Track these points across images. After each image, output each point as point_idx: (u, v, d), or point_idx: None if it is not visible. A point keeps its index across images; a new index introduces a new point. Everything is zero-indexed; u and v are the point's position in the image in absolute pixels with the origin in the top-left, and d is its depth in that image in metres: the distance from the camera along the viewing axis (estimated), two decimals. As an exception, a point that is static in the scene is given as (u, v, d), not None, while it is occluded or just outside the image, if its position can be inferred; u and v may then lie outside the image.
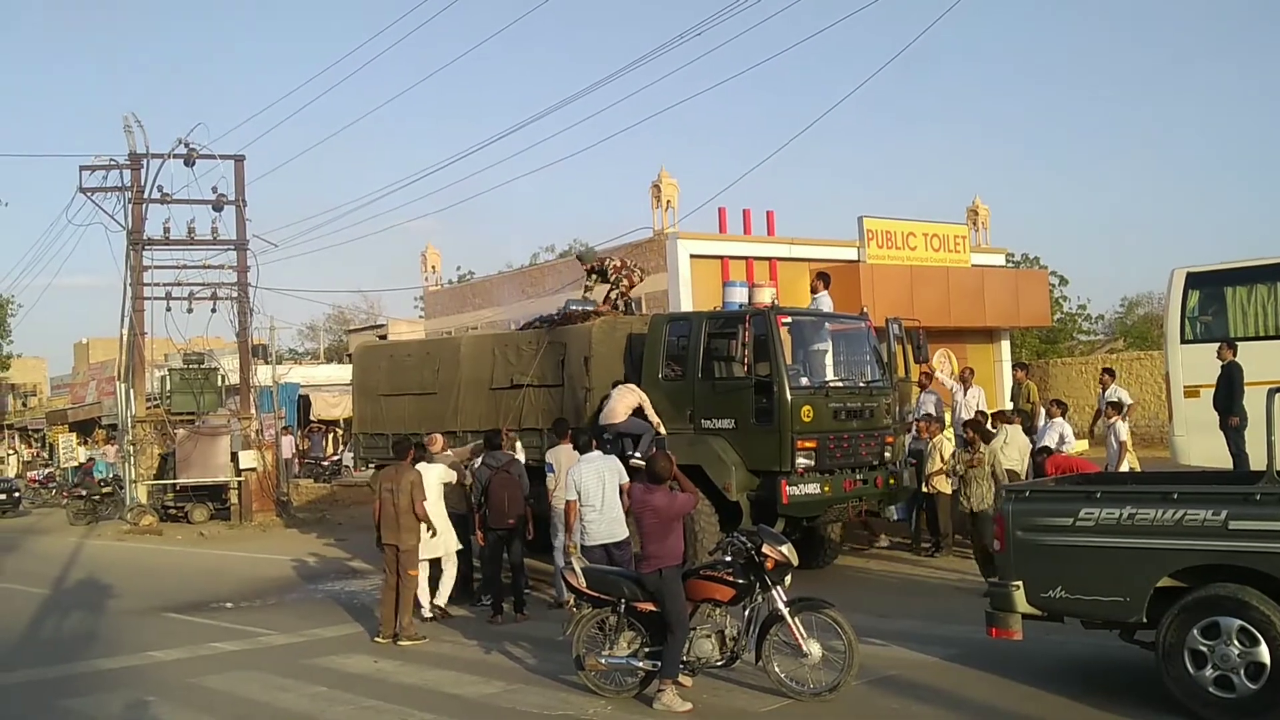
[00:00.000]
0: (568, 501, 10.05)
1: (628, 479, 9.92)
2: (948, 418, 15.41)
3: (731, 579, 7.79)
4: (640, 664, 7.81)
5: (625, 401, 12.32)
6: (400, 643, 10.14)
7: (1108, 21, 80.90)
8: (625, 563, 9.81)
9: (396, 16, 62.54)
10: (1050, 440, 13.53)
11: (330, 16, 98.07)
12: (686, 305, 21.49)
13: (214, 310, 23.89)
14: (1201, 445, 13.78)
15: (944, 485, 13.60)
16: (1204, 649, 6.67)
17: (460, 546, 11.67)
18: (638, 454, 11.96)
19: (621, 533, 9.81)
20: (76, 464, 32.54)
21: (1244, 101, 74.14)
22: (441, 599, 11.50)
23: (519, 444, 13.05)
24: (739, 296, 13.10)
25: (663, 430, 12.14)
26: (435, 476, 11.35)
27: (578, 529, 9.87)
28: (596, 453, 10.17)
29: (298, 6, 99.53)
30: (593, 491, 9.78)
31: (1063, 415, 14.37)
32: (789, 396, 11.81)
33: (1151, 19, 79.45)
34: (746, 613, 7.85)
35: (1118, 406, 14.42)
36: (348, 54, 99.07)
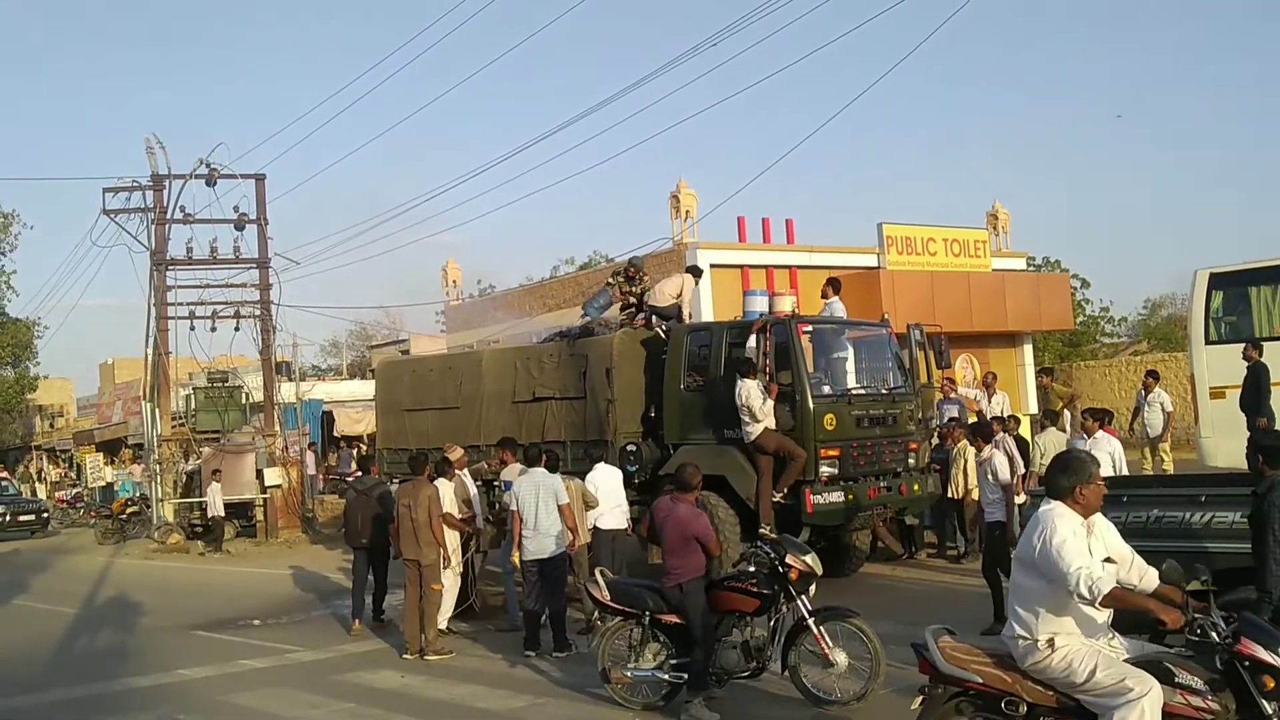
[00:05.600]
0: (510, 513, 10.22)
1: (566, 499, 10.04)
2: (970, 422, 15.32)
3: (756, 590, 7.77)
4: (666, 676, 7.81)
5: (671, 287, 13.55)
6: (427, 657, 10.16)
7: (1126, 21, 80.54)
8: (557, 579, 9.89)
9: (415, 32, 62.67)
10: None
11: (349, 34, 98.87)
12: (707, 315, 21.51)
13: (237, 328, 24.01)
14: (1228, 446, 13.64)
15: (973, 490, 13.54)
16: (1235, 653, 6.58)
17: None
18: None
19: (552, 550, 9.94)
20: (104, 484, 32.77)
21: (1266, 99, 73.59)
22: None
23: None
24: (760, 305, 13.13)
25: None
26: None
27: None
28: (540, 470, 10.24)
29: (316, 25, 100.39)
30: (528, 508, 9.93)
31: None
32: (811, 405, 11.81)
33: (1171, 18, 79.02)
34: (772, 623, 7.84)
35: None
36: (366, 71, 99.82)
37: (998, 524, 10.22)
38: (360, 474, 13.04)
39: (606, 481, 11.22)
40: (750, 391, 11.57)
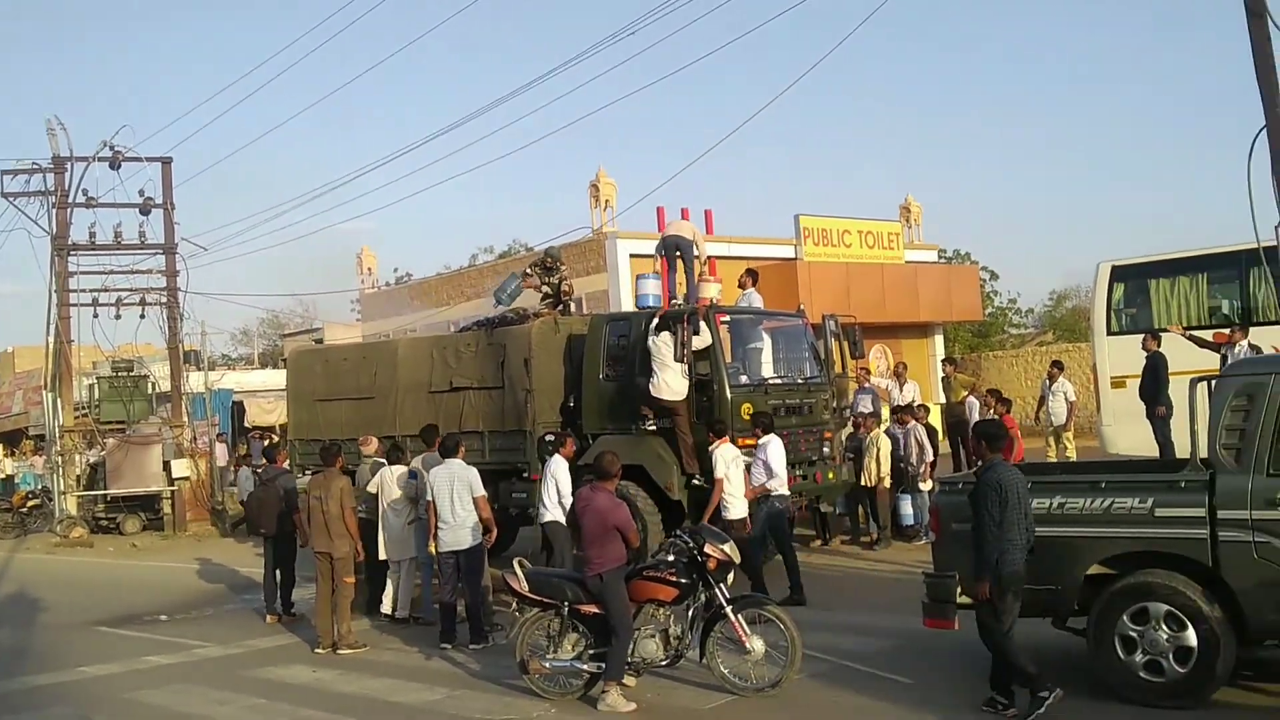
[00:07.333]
0: (427, 503, 10.17)
1: (481, 492, 9.98)
2: (885, 413, 15.64)
3: (674, 579, 7.82)
4: (585, 666, 7.82)
5: (684, 229, 14.34)
6: (340, 651, 10.03)
7: (1029, 20, 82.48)
8: (474, 570, 9.90)
9: (328, 13, 61.54)
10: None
11: (260, 14, 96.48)
12: (627, 305, 21.54)
13: (143, 316, 23.37)
14: (1128, 434, 14.12)
15: (885, 478, 13.84)
16: (1133, 634, 6.84)
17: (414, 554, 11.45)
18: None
19: (467, 542, 9.93)
20: (3, 476, 31.64)
21: (1166, 96, 76.06)
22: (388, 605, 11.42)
23: None
24: (653, 289, 13.22)
25: None
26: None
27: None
28: (457, 461, 10.17)
29: (226, 3, 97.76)
30: (442, 499, 9.90)
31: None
32: (729, 395, 11.90)
33: (1074, 17, 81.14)
34: (690, 612, 7.89)
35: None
36: (277, 52, 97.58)
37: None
38: (266, 463, 12.83)
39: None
40: (664, 339, 11.69)
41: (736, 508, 10.72)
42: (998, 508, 6.69)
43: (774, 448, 11.18)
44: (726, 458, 10.75)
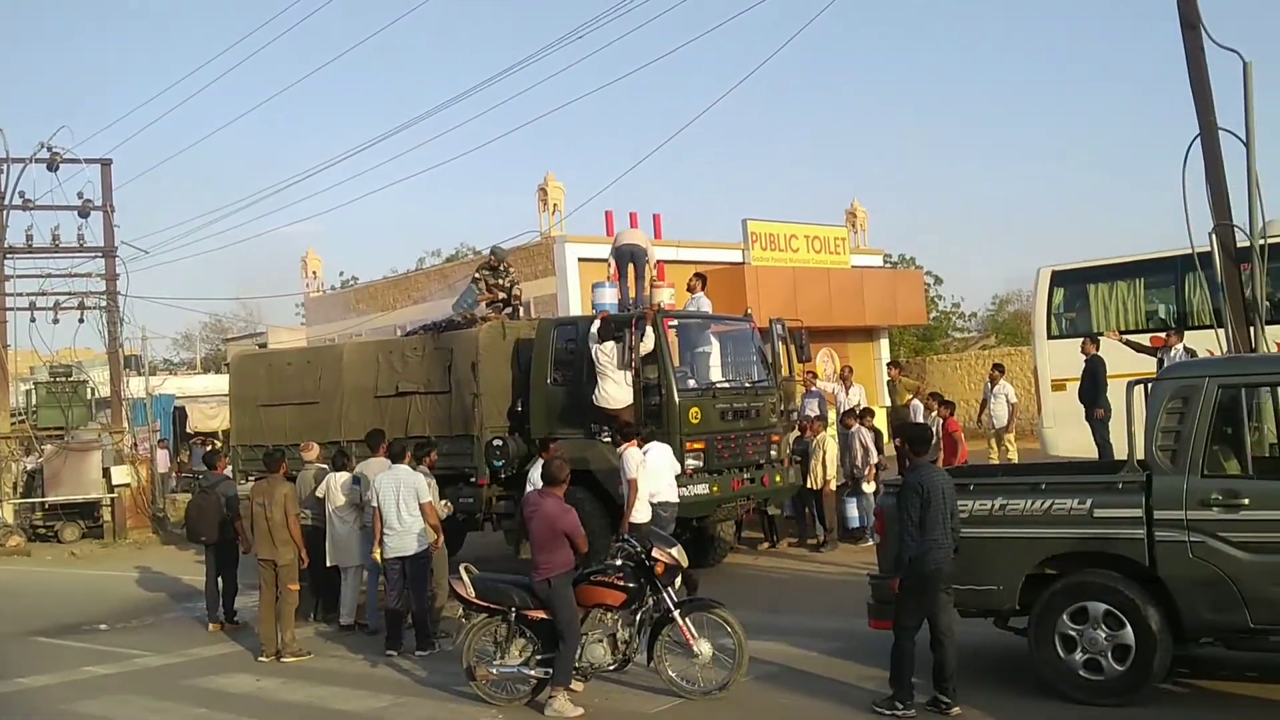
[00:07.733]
0: (374, 509, 10.10)
1: (428, 498, 9.96)
2: (831, 416, 15.78)
3: (622, 583, 7.82)
4: (532, 672, 7.78)
5: (638, 237, 14.31)
6: (284, 659, 9.91)
7: (973, 26, 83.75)
8: (420, 576, 9.85)
9: (274, 13, 60.80)
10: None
11: (203, 13, 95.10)
12: (575, 309, 21.56)
13: (82, 320, 22.93)
14: (1068, 436, 14.38)
15: (832, 481, 13.95)
16: (1073, 633, 6.96)
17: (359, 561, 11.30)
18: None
19: (413, 548, 9.88)
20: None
21: (1109, 102, 77.60)
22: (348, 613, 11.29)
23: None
24: (609, 297, 13.22)
25: None
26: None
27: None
28: (403, 467, 10.13)
29: (167, 2, 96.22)
30: (388, 504, 9.86)
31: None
32: (677, 399, 11.93)
33: (1015, 25, 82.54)
34: (638, 616, 7.90)
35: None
36: (222, 51, 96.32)
37: None
38: (206, 470, 12.68)
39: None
40: (606, 348, 11.70)
41: (640, 511, 10.75)
42: (917, 508, 6.87)
43: (654, 455, 11.16)
44: (634, 460, 10.79)
